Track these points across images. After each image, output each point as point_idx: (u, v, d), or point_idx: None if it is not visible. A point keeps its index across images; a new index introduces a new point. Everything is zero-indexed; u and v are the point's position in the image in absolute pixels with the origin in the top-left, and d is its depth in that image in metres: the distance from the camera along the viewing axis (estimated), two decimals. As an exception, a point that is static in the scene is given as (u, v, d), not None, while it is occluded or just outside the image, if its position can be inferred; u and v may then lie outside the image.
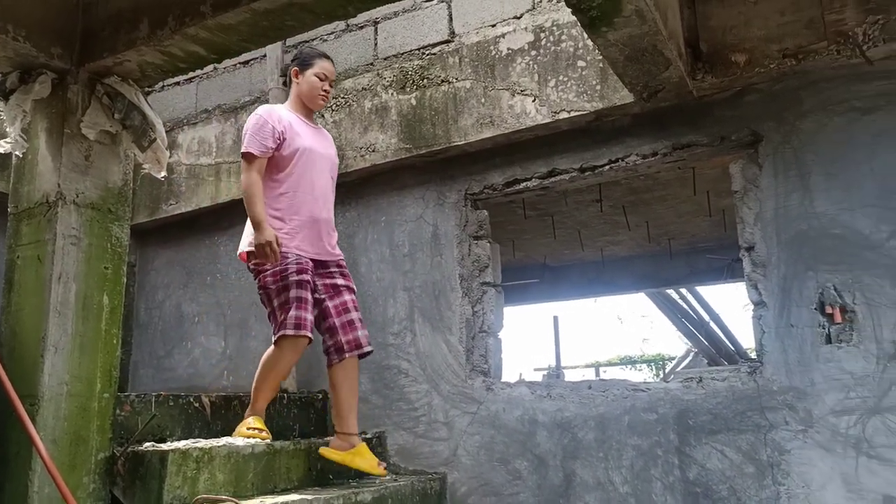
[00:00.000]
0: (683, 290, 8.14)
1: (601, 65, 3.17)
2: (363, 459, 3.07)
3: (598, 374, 12.68)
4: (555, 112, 3.31)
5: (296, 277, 2.94)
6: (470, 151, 3.62)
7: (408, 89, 3.75)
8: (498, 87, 3.49)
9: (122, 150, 2.78)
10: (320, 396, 3.80)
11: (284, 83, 3.33)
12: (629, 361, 16.02)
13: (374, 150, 3.80)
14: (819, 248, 2.82)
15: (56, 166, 2.57)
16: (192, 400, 3.14)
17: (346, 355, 3.08)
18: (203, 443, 2.73)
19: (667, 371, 10.87)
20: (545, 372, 10.66)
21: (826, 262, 2.80)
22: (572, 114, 3.27)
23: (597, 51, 2.93)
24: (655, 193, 5.24)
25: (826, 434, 2.70)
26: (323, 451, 3.05)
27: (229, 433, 3.07)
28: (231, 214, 4.41)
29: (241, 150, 3.02)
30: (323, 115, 4.04)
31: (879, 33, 2.74)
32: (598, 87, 3.22)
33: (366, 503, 2.87)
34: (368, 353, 3.19)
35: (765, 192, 2.97)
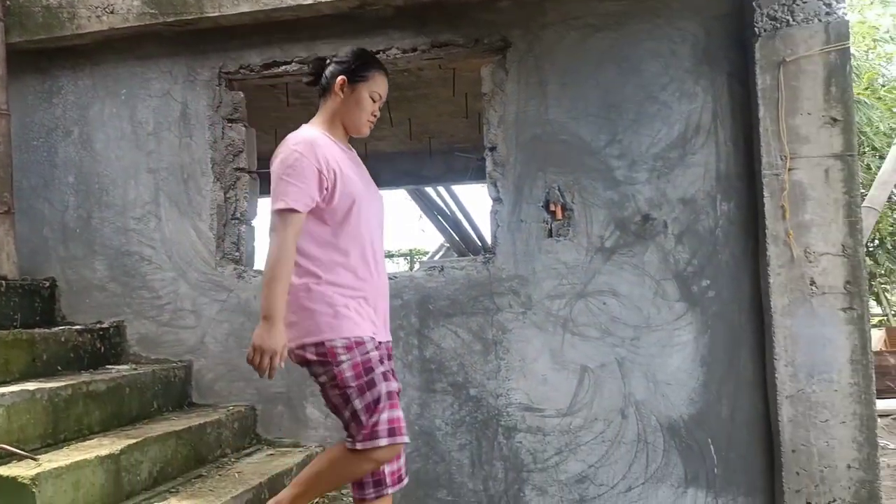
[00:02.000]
0: (441, 189, 8.57)
1: (366, -51, 3.09)
2: None
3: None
4: (317, -7, 3.19)
5: (381, 368, 2.10)
6: (225, 26, 3.37)
7: (154, -54, 3.34)
8: (258, -42, 3.25)
9: None
10: (47, 284, 3.46)
11: (313, 82, 2.33)
12: (387, 255, 16.80)
13: (112, 12, 3.37)
14: (549, 151, 3.13)
15: None
16: None
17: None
18: None
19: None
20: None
21: (554, 165, 3.12)
22: (335, -3, 3.18)
23: (361, -67, 2.84)
24: (419, 91, 5.35)
25: (541, 315, 3.10)
26: None
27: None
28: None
29: (275, 205, 2.06)
30: (48, -37, 3.46)
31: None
32: (363, -27, 3.15)
33: (99, 392, 2.74)
34: None
35: (509, 96, 3.18)
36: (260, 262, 3.63)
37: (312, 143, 2.11)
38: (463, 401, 3.15)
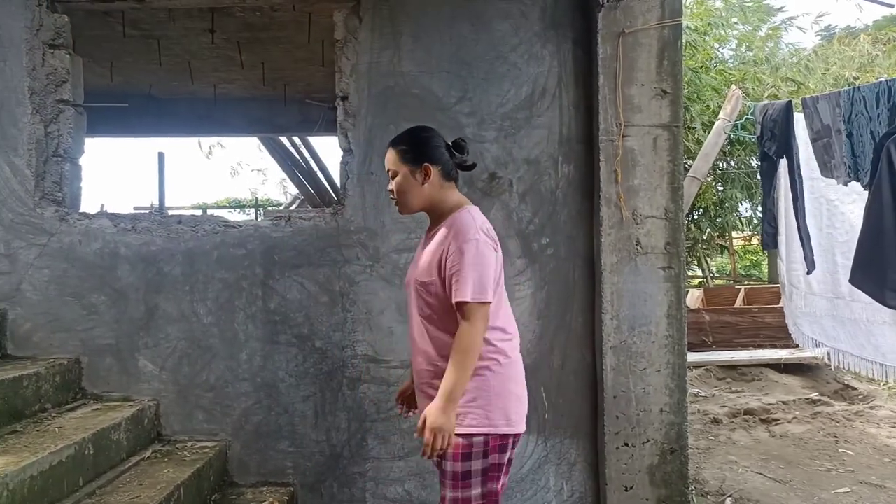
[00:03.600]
0: (296, 139, 8.31)
1: None
2: None
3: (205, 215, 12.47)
4: (157, -86, 2.93)
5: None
6: (47, -61, 3.02)
7: None
8: None
9: None
10: None
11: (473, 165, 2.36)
12: (238, 205, 16.07)
13: None
14: (401, 104, 3.12)
15: None
16: None
17: None
18: None
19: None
20: (147, 211, 10.06)
21: (405, 118, 3.11)
22: (177, -79, 2.94)
23: None
24: (272, 33, 5.10)
25: (388, 268, 3.12)
26: None
27: None
28: None
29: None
30: None
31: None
32: None
33: None
34: None
35: (362, 45, 3.12)
36: (86, 204, 3.37)
37: (484, 223, 2.24)
38: (308, 352, 3.12)
